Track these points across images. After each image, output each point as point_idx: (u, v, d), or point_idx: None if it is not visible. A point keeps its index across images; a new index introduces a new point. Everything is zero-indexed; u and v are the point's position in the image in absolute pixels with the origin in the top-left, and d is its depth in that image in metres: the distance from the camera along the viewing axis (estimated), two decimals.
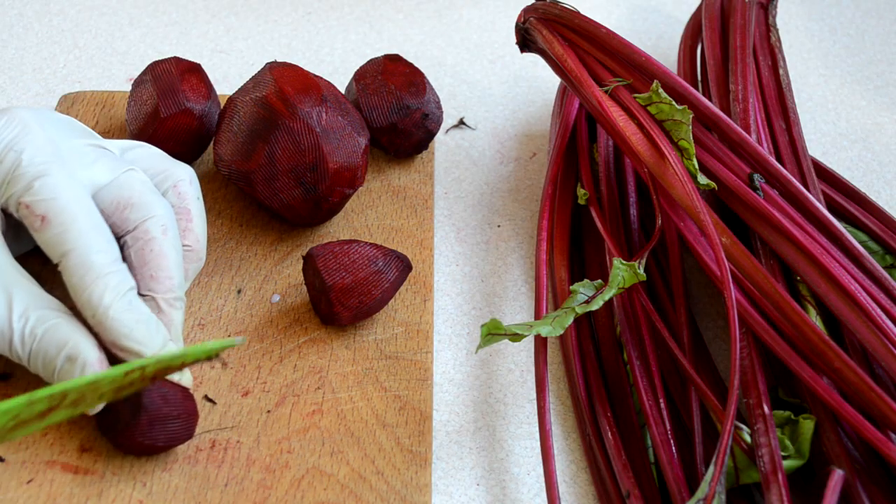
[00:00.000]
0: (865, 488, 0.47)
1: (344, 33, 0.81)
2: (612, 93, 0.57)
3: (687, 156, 0.55)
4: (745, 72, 0.63)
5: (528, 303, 0.62)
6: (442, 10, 0.84)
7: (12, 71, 0.76)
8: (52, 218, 0.50)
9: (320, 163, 0.57)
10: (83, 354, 0.49)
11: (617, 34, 0.58)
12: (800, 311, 0.50)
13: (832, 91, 0.78)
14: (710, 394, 0.50)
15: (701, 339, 0.57)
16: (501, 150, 0.72)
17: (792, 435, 0.49)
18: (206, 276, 0.59)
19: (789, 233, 0.53)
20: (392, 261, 0.56)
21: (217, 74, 0.76)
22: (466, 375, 0.57)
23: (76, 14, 0.82)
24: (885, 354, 0.48)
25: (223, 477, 0.50)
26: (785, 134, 0.62)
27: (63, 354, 0.49)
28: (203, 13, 0.83)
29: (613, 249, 0.56)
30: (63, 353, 0.49)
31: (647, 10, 0.86)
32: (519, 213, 0.67)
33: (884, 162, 0.72)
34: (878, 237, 0.59)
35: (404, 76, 0.66)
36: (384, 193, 0.65)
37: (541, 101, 0.76)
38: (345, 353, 0.56)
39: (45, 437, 0.51)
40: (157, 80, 0.63)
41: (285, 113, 0.57)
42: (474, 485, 0.52)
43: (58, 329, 0.49)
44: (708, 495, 0.44)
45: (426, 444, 0.52)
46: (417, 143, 0.66)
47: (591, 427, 0.53)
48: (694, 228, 0.55)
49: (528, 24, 0.62)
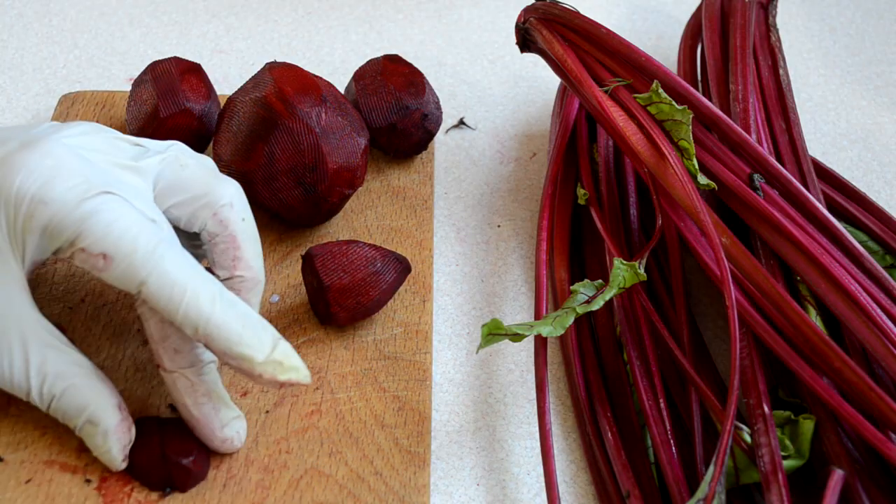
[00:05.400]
0: (865, 488, 0.47)
1: (344, 33, 0.81)
2: (612, 93, 0.57)
3: (687, 156, 0.54)
4: (745, 72, 0.63)
5: (528, 303, 0.62)
6: (442, 10, 0.84)
7: (12, 71, 0.76)
8: (115, 253, 0.46)
9: (320, 163, 0.57)
10: (104, 422, 0.48)
11: (617, 34, 0.58)
12: (800, 311, 0.50)
13: (832, 91, 0.78)
14: (710, 394, 0.50)
15: (701, 339, 0.57)
16: (501, 150, 0.72)
17: (792, 435, 0.49)
18: None
19: (789, 233, 0.53)
20: (391, 262, 0.56)
21: (217, 74, 0.76)
22: (466, 375, 0.57)
23: (76, 14, 0.82)
24: (885, 354, 0.48)
25: (222, 477, 0.50)
26: (785, 134, 0.62)
27: (83, 418, 0.48)
28: (203, 13, 0.83)
29: (613, 249, 0.56)
30: (83, 417, 0.48)
31: (647, 10, 0.86)
32: (519, 213, 0.67)
33: (884, 162, 0.72)
34: (878, 237, 0.59)
35: (404, 76, 0.66)
36: (384, 194, 0.65)
37: (541, 101, 0.76)
38: (344, 354, 0.56)
39: (43, 436, 0.51)
40: (157, 80, 0.63)
41: (285, 113, 0.57)
42: (474, 485, 0.52)
43: (76, 391, 0.48)
44: (708, 495, 0.44)
45: (425, 444, 0.52)
46: (417, 144, 0.66)
47: (591, 427, 0.53)
48: (694, 228, 0.55)
49: (528, 25, 0.62)
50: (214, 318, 0.46)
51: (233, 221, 0.52)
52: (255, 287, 0.52)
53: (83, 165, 0.48)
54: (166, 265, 0.46)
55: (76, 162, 0.48)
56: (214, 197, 0.52)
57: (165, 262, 0.46)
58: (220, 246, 0.52)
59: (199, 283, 0.47)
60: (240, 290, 0.52)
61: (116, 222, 0.46)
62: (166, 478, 0.49)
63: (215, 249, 0.52)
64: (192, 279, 0.47)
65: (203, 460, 0.50)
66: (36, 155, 0.47)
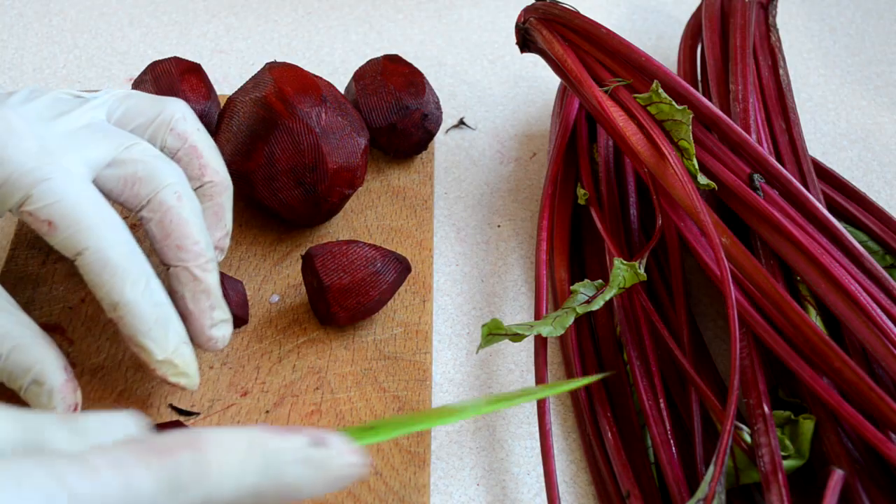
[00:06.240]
0: (865, 488, 0.47)
1: (344, 33, 0.81)
2: (612, 93, 0.57)
3: (687, 156, 0.54)
4: (745, 72, 0.63)
5: (528, 303, 0.62)
6: (442, 10, 0.84)
7: (12, 71, 0.76)
8: (59, 221, 0.48)
9: (320, 163, 0.57)
10: (49, 381, 0.48)
11: (617, 34, 0.58)
12: (800, 311, 0.50)
13: (832, 91, 0.78)
14: (710, 394, 0.50)
15: (701, 339, 0.57)
16: (501, 150, 0.72)
17: (792, 435, 0.49)
18: None
19: (789, 233, 0.53)
20: (391, 262, 0.56)
21: (217, 74, 0.76)
22: (466, 375, 0.57)
23: (76, 14, 0.82)
24: (885, 354, 0.48)
25: None
26: (785, 134, 0.62)
27: (29, 377, 0.48)
28: (203, 13, 0.83)
29: (613, 249, 0.56)
30: (29, 377, 0.48)
31: (647, 10, 0.86)
32: (519, 213, 0.67)
33: (884, 162, 0.72)
34: (878, 237, 0.59)
35: (404, 76, 0.66)
36: (384, 194, 0.65)
37: (541, 101, 0.76)
38: (344, 354, 0.56)
39: None
40: (157, 80, 0.63)
41: (285, 113, 0.57)
42: (474, 485, 0.52)
43: (23, 351, 0.48)
44: (708, 495, 0.44)
45: (424, 444, 0.52)
46: (417, 144, 0.66)
47: (591, 427, 0.53)
48: (694, 228, 0.55)
49: (528, 25, 0.62)
50: (132, 306, 0.48)
51: (190, 132, 0.54)
52: (226, 191, 0.55)
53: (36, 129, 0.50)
54: (103, 242, 0.48)
55: (28, 127, 0.50)
56: (167, 114, 0.54)
57: (103, 239, 0.48)
58: (184, 159, 0.54)
59: (130, 266, 0.49)
60: (212, 196, 0.54)
61: (65, 193, 0.48)
62: None
63: (180, 163, 0.54)
64: (126, 259, 0.49)
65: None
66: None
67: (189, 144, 0.54)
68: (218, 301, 0.52)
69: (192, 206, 0.52)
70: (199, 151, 0.54)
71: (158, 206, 0.51)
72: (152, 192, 0.51)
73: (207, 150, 0.54)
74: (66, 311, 0.57)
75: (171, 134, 0.54)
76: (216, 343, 0.52)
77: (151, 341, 0.49)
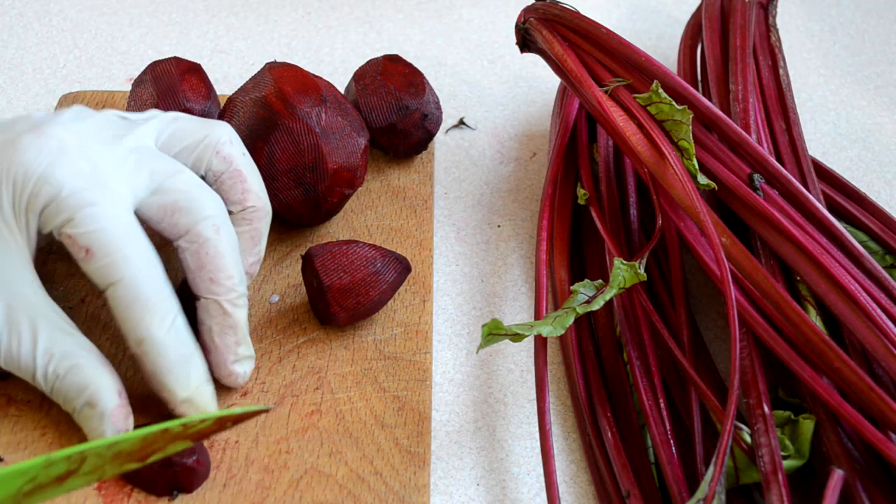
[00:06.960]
0: (865, 488, 0.47)
1: (344, 33, 0.81)
2: (612, 93, 0.57)
3: (687, 156, 0.54)
4: (745, 72, 0.63)
5: (528, 303, 0.62)
6: (442, 10, 0.84)
7: (12, 71, 0.76)
8: (97, 250, 0.48)
9: (320, 163, 0.57)
10: (102, 403, 0.48)
11: (617, 34, 0.58)
12: (800, 311, 0.50)
13: (832, 91, 0.78)
14: (710, 394, 0.50)
15: (701, 339, 0.57)
16: (501, 150, 0.72)
17: (792, 435, 0.49)
18: None
19: (789, 233, 0.53)
20: (391, 262, 0.56)
21: (217, 74, 0.76)
22: (466, 375, 0.57)
23: (76, 14, 0.82)
24: (885, 354, 0.48)
25: (221, 477, 0.50)
26: (785, 134, 0.62)
27: (83, 399, 0.48)
28: (203, 13, 0.83)
29: (613, 249, 0.56)
30: (83, 398, 0.48)
31: (647, 10, 0.86)
32: (519, 213, 0.67)
33: (884, 162, 0.72)
34: (878, 237, 0.59)
35: (404, 76, 0.66)
36: (384, 194, 0.65)
37: (541, 101, 0.76)
38: (344, 354, 0.56)
39: (43, 436, 0.51)
40: (157, 80, 0.63)
41: (285, 113, 0.57)
42: (474, 485, 0.52)
43: (80, 371, 0.48)
44: (708, 495, 0.44)
45: (425, 444, 0.52)
46: (417, 144, 0.66)
47: (591, 427, 0.53)
48: (694, 228, 0.55)
49: (528, 25, 0.62)
50: (157, 342, 0.48)
51: (235, 156, 0.54)
52: (266, 217, 0.55)
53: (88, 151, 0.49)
54: (138, 276, 0.48)
55: (80, 148, 0.49)
56: (213, 137, 0.54)
57: (139, 273, 0.48)
58: (227, 182, 0.54)
59: (159, 303, 0.48)
60: (251, 220, 0.54)
61: (108, 222, 0.48)
62: (172, 481, 0.49)
63: (223, 186, 0.54)
64: (155, 296, 0.48)
65: (205, 458, 0.50)
66: (43, 138, 0.49)
67: (234, 168, 0.54)
68: (244, 338, 0.52)
69: (229, 240, 0.51)
70: (243, 176, 0.54)
71: (196, 237, 0.51)
72: (192, 223, 0.51)
73: (251, 175, 0.54)
74: (67, 311, 0.57)
75: (216, 157, 0.54)
76: (237, 378, 0.52)
77: (174, 380, 0.49)
